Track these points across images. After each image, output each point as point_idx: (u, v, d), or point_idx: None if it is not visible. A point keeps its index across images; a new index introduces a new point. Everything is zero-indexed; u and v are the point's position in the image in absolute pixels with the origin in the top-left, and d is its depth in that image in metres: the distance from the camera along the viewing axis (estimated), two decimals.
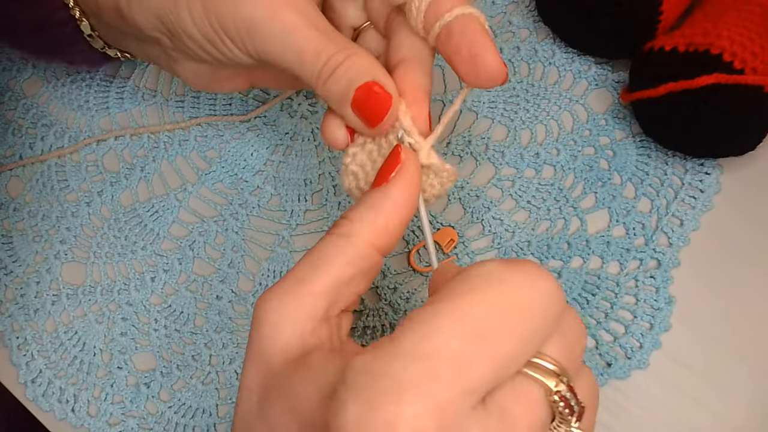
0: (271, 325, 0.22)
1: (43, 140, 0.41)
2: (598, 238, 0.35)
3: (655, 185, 0.36)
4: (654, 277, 0.34)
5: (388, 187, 0.23)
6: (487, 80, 0.24)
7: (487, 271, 0.19)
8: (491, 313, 0.18)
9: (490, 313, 0.18)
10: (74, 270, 0.38)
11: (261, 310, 0.22)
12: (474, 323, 0.18)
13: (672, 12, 0.36)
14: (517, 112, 0.39)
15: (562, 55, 0.39)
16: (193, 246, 0.38)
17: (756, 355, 0.32)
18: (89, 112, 0.42)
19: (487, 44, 0.24)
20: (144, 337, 0.36)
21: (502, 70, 0.24)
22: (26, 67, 0.44)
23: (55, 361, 0.36)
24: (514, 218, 0.36)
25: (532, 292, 0.19)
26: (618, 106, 0.38)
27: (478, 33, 0.24)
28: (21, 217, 0.40)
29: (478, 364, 0.17)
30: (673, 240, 0.35)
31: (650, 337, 0.33)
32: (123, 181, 0.40)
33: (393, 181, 0.23)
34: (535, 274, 0.19)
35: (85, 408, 0.35)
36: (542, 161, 0.37)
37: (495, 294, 0.19)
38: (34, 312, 0.37)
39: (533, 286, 0.19)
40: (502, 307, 0.18)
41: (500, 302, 0.18)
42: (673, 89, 0.32)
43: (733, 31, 0.33)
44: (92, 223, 0.39)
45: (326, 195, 0.38)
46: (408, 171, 0.24)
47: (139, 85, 0.42)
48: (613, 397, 0.32)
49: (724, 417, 0.32)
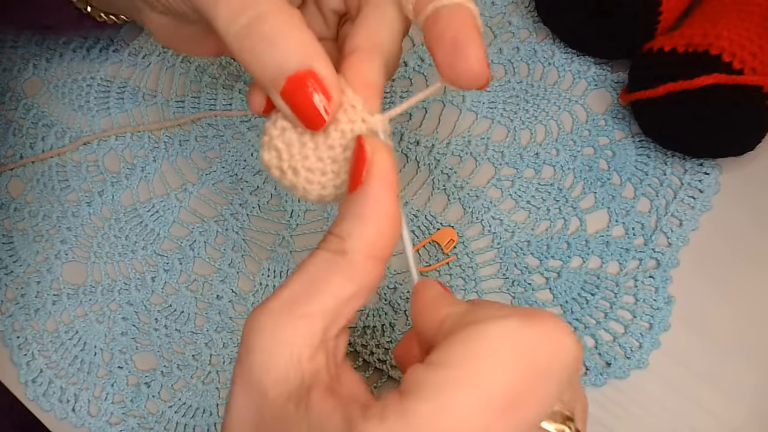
0: (264, 351, 0.20)
1: (43, 140, 0.41)
2: (597, 238, 0.35)
3: (654, 185, 0.36)
4: (653, 276, 0.34)
5: (366, 189, 0.21)
6: (465, 74, 0.21)
7: (508, 332, 0.18)
8: (518, 381, 0.17)
9: (516, 381, 0.17)
10: (75, 270, 0.38)
11: (253, 333, 0.20)
12: (500, 395, 0.17)
13: (671, 13, 0.36)
14: (517, 112, 0.39)
15: (562, 56, 0.39)
16: (193, 246, 0.38)
17: (756, 355, 0.32)
18: (90, 112, 0.42)
19: (474, 37, 0.21)
20: (144, 336, 0.36)
21: (483, 68, 0.21)
22: (27, 67, 0.44)
23: (55, 361, 0.36)
24: (514, 218, 0.36)
25: (557, 351, 0.18)
26: (617, 107, 0.38)
27: (466, 23, 0.22)
28: (22, 217, 0.40)
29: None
30: (673, 240, 0.35)
31: (649, 336, 0.33)
32: (124, 181, 0.40)
33: (369, 181, 0.21)
34: (557, 332, 0.18)
35: (85, 407, 0.35)
36: (542, 161, 0.37)
37: (519, 358, 0.17)
38: (34, 312, 0.37)
39: (558, 345, 0.18)
40: (529, 373, 0.17)
41: (525, 368, 0.17)
42: (673, 89, 0.32)
43: (732, 32, 0.33)
44: (93, 223, 0.39)
45: None
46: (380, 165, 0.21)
47: (140, 86, 0.42)
48: (612, 397, 0.32)
49: (724, 416, 0.32)
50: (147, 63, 0.43)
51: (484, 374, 0.17)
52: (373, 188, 0.21)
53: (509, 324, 0.18)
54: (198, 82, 0.42)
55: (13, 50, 0.44)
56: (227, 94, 0.42)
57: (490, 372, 0.17)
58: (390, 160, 0.21)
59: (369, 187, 0.21)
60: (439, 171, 0.38)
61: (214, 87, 0.42)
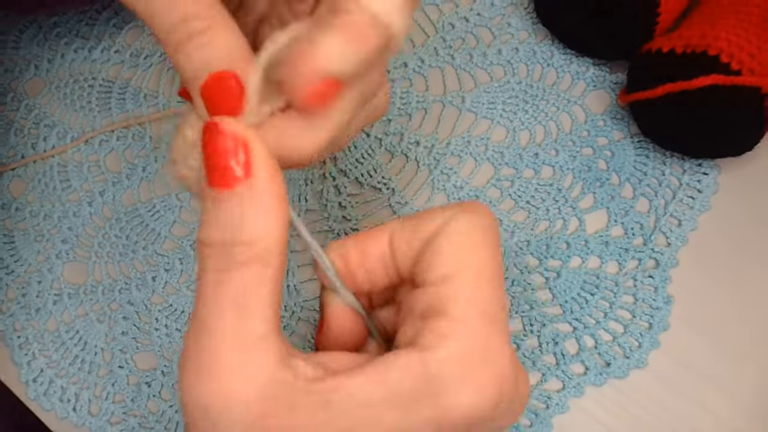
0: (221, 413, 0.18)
1: (45, 141, 0.42)
2: (596, 238, 0.35)
3: (653, 185, 0.36)
4: (652, 276, 0.34)
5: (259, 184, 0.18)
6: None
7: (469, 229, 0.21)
8: (494, 259, 0.21)
9: (494, 260, 0.21)
10: (76, 269, 0.38)
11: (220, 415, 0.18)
12: (493, 275, 0.21)
13: (670, 14, 0.36)
14: (516, 113, 0.39)
15: (561, 57, 0.40)
16: (194, 246, 0.38)
17: (755, 354, 0.33)
18: (91, 113, 0.42)
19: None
20: (145, 336, 0.37)
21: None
22: (29, 68, 0.44)
23: (56, 361, 0.36)
24: (513, 218, 0.36)
25: (495, 224, 0.22)
26: (616, 107, 0.38)
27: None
28: (23, 216, 0.40)
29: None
30: (672, 240, 0.35)
31: (649, 336, 0.33)
32: (124, 181, 0.40)
33: (258, 174, 0.18)
34: (489, 212, 0.22)
35: (86, 407, 0.35)
36: (541, 162, 0.37)
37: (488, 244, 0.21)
38: (35, 311, 0.37)
39: (493, 221, 0.22)
40: (495, 250, 0.22)
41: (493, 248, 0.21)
42: (671, 90, 0.33)
43: (731, 33, 0.33)
44: (94, 223, 0.39)
45: (326, 195, 0.38)
46: (261, 152, 0.19)
47: (141, 87, 0.42)
48: (611, 397, 0.33)
49: (723, 416, 0.32)
50: (148, 64, 0.43)
51: (482, 264, 0.21)
52: (269, 180, 0.18)
53: (464, 219, 0.21)
54: None
55: (14, 51, 0.45)
56: None
57: (482, 259, 0.21)
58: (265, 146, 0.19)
59: (261, 180, 0.18)
60: (439, 171, 0.38)
61: None
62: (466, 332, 0.19)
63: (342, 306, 0.23)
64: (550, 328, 0.34)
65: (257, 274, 0.18)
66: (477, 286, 0.20)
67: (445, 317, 0.20)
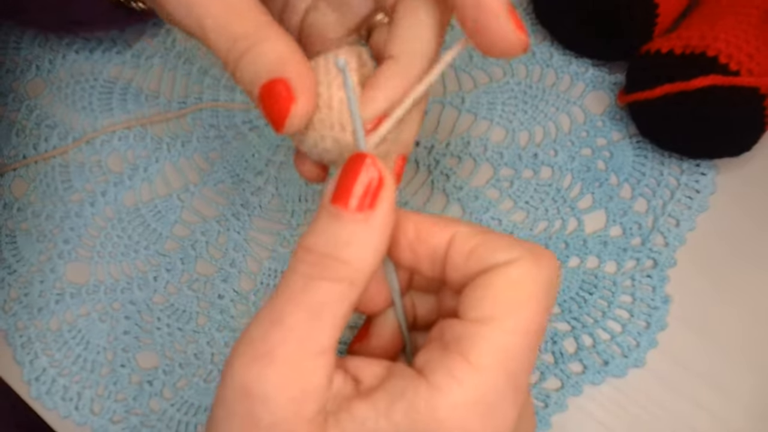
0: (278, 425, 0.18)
1: (46, 141, 0.42)
2: (595, 238, 0.36)
3: (651, 186, 0.36)
4: (651, 276, 0.34)
5: (378, 219, 0.20)
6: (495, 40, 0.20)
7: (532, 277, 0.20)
8: (542, 315, 0.20)
9: (541, 316, 0.20)
10: (78, 269, 0.39)
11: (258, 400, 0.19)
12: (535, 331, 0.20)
13: (669, 15, 0.36)
14: (516, 113, 0.39)
15: (560, 58, 0.40)
16: (195, 245, 0.38)
17: (753, 354, 0.33)
18: (93, 113, 0.42)
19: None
20: (147, 335, 0.37)
21: (512, 32, 0.20)
22: (30, 68, 0.44)
23: (58, 360, 0.37)
24: (513, 218, 0.37)
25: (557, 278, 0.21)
26: (615, 108, 0.38)
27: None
28: (25, 217, 0.40)
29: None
30: (670, 240, 0.35)
31: (647, 335, 0.33)
32: (126, 181, 0.40)
33: (380, 208, 0.20)
34: (556, 266, 0.21)
35: (88, 406, 0.36)
36: (540, 162, 0.38)
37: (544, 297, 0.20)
38: (38, 311, 0.38)
39: (557, 273, 0.21)
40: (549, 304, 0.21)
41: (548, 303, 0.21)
42: (670, 91, 0.33)
43: (730, 34, 0.33)
44: (96, 223, 0.39)
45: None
46: (390, 193, 0.20)
47: (142, 87, 0.43)
48: (610, 395, 0.33)
49: (722, 415, 0.32)
50: (150, 64, 0.43)
51: (524, 321, 0.19)
52: (385, 219, 0.20)
53: (528, 267, 0.20)
54: (200, 83, 0.42)
55: (16, 51, 0.45)
56: (229, 95, 0.42)
57: (528, 316, 0.19)
58: (394, 190, 0.20)
59: (380, 216, 0.20)
60: (439, 171, 0.38)
61: (216, 88, 0.42)
62: (478, 383, 0.19)
63: (390, 323, 0.24)
64: (548, 327, 0.34)
65: (341, 292, 0.19)
66: (510, 340, 0.19)
67: (465, 360, 0.19)
